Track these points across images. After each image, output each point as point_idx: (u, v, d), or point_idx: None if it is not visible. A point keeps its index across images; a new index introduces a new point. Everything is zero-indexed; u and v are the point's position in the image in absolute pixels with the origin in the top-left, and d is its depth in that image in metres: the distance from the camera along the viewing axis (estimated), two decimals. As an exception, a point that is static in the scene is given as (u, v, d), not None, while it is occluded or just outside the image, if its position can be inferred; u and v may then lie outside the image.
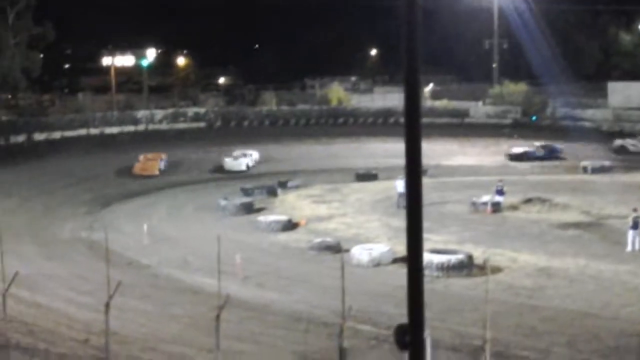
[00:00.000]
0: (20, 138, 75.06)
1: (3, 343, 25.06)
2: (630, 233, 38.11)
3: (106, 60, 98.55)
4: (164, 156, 67.17)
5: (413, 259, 8.47)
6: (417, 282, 8.38)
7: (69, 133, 78.58)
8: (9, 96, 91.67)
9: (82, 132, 79.77)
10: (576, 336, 26.75)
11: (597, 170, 62.76)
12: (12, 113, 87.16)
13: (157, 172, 64.52)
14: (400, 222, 42.36)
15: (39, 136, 76.37)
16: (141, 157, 66.35)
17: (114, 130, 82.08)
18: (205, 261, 35.89)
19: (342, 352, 19.80)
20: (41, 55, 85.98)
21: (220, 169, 67.10)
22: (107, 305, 22.68)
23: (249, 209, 49.96)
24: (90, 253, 39.81)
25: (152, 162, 65.62)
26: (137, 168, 64.65)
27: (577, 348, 25.63)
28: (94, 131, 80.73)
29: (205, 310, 27.07)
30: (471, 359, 21.76)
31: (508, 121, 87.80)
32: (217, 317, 21.33)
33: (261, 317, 29.81)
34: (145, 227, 43.29)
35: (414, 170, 8.28)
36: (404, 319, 8.61)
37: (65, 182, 58.92)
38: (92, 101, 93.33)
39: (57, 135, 77.54)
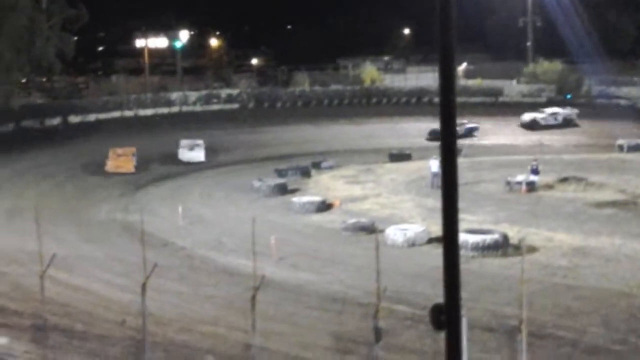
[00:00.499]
0: (56, 121, 75.50)
1: (41, 325, 25.31)
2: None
3: (139, 43, 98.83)
4: (133, 150, 61.57)
5: (449, 239, 8.44)
6: (453, 262, 8.35)
7: (104, 115, 78.92)
8: (44, 79, 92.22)
9: (117, 114, 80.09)
10: (612, 316, 26.59)
11: (632, 149, 62.20)
12: (47, 96, 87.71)
13: (132, 169, 59.23)
14: (434, 202, 42.21)
15: (74, 119, 76.78)
16: (110, 154, 60.50)
17: (148, 112, 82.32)
18: (239, 242, 36.02)
19: (377, 333, 19.79)
20: (75, 38, 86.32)
21: (250, 152, 67.14)
22: (144, 287, 22.81)
23: (283, 190, 50.03)
24: (125, 235, 40.07)
25: (125, 159, 60.09)
26: (111, 166, 59.24)
27: (613, 328, 25.48)
28: (128, 113, 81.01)
29: (241, 291, 27.16)
30: (507, 338, 21.68)
31: (543, 100, 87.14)
32: (253, 298, 21.39)
33: (296, 298, 29.91)
34: (180, 208, 43.48)
35: (449, 149, 8.24)
36: (439, 299, 8.59)
37: (100, 164, 59.24)
38: (126, 83, 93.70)
39: (91, 117, 77.91)
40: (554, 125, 74.39)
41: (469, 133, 71.38)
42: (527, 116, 76.16)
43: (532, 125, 74.33)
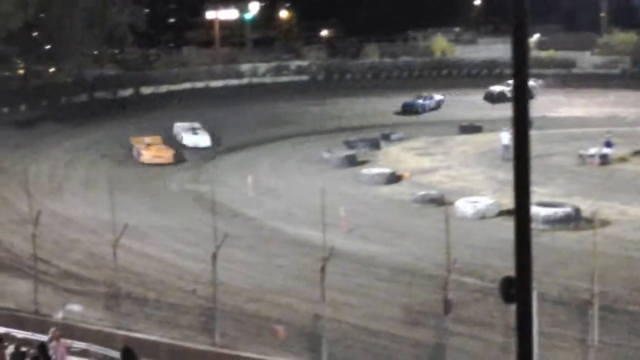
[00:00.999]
0: (128, 92, 76.36)
1: (114, 293, 25.77)
2: None
3: (210, 14, 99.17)
4: (160, 139, 56.92)
5: (521, 212, 8.39)
6: (524, 235, 8.31)
7: (175, 87, 79.56)
8: (116, 51, 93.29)
9: (187, 85, 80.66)
10: (687, 291, 26.20)
11: None
12: (119, 67, 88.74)
13: (172, 159, 53.31)
14: (505, 174, 41.89)
15: (145, 90, 77.51)
16: (136, 144, 55.17)
17: (219, 83, 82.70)
18: (309, 213, 36.15)
19: (446, 305, 19.80)
20: (146, 10, 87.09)
21: (320, 124, 67.16)
22: (214, 257, 23.08)
23: (352, 161, 50.03)
24: (196, 205, 40.49)
25: (159, 148, 54.54)
26: (147, 157, 53.00)
27: (687, 303, 25.12)
28: (198, 85, 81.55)
29: (310, 262, 27.33)
30: (578, 312, 21.50)
31: (617, 71, 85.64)
32: (322, 268, 21.50)
33: (365, 270, 30.01)
34: (249, 179, 43.76)
35: (521, 122, 8.18)
36: (509, 272, 8.55)
37: (171, 135, 59.81)
38: (197, 55, 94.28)
39: (163, 89, 78.57)
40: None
41: (438, 106, 72.74)
42: (495, 88, 74.75)
43: (500, 98, 72.96)
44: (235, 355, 21.89)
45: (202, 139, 58.91)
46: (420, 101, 72.45)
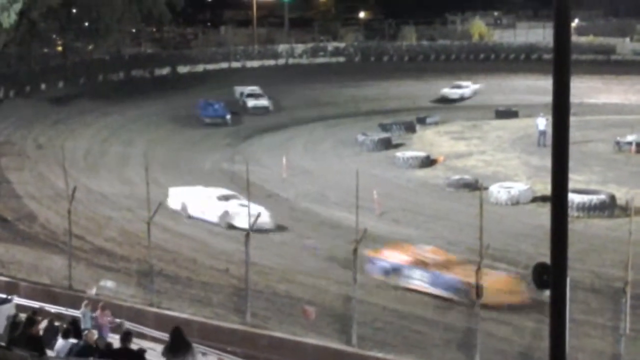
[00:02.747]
0: (165, 71, 76.59)
1: (147, 270, 25.93)
2: None
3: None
4: None
5: (557, 199, 8.36)
6: (561, 223, 8.28)
7: (211, 66, 79.67)
8: (154, 29, 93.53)
9: (224, 65, 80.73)
10: None
11: None
12: (156, 46, 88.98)
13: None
14: (540, 160, 41.65)
15: (182, 69, 77.70)
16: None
17: (255, 64, 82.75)
18: (342, 195, 36.19)
19: (478, 290, 19.74)
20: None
21: (355, 106, 66.99)
22: (247, 236, 23.14)
23: (387, 144, 49.96)
24: (231, 185, 40.57)
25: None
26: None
27: None
28: (235, 64, 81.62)
29: (343, 244, 27.36)
30: (611, 300, 21.38)
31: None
32: (355, 250, 21.51)
33: (397, 253, 29.93)
34: (284, 160, 43.82)
35: (561, 108, 8.12)
36: (542, 258, 8.53)
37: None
38: (234, 35, 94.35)
39: (199, 68, 78.71)
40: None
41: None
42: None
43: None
44: (266, 335, 21.97)
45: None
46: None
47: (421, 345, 21.45)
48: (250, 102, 64.29)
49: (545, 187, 33.92)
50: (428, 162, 44.87)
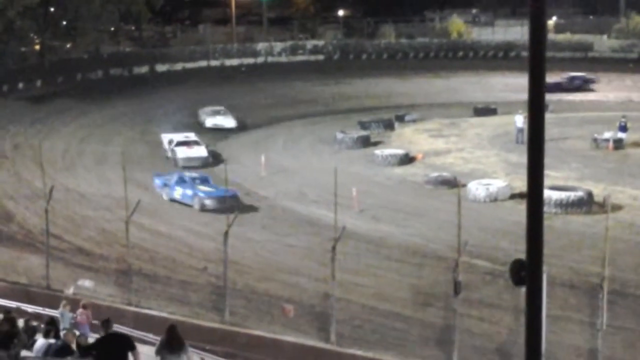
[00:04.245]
0: (144, 69, 76.39)
1: (125, 269, 25.87)
2: None
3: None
4: None
5: (533, 195, 8.39)
6: (536, 219, 8.31)
7: (190, 65, 79.57)
8: (133, 28, 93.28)
9: (203, 63, 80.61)
10: (698, 277, 26.13)
11: None
12: (135, 45, 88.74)
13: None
14: (519, 157, 41.82)
15: (161, 67, 77.53)
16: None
17: (234, 62, 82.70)
18: (321, 193, 36.20)
19: (456, 286, 19.79)
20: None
21: (334, 104, 67.01)
22: (226, 235, 23.12)
23: (365, 142, 49.98)
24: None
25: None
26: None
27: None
28: (214, 63, 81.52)
29: (321, 242, 27.40)
30: (588, 296, 21.50)
31: (634, 55, 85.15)
32: (333, 248, 21.54)
33: (376, 250, 30.04)
34: (262, 158, 43.78)
35: (535, 105, 8.15)
36: (520, 254, 8.55)
37: (186, 112, 59.84)
38: (213, 33, 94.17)
39: (178, 66, 78.59)
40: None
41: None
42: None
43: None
44: (245, 333, 21.98)
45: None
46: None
47: (400, 342, 21.51)
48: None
49: (523, 184, 34.02)
50: (407, 159, 44.93)
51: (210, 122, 57.01)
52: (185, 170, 42.28)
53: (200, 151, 46.32)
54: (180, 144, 46.78)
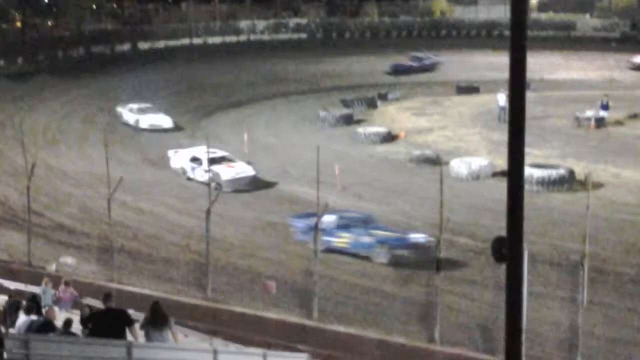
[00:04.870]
0: (126, 47, 75.97)
1: (107, 246, 25.85)
2: None
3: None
4: None
5: (514, 173, 8.44)
6: (517, 197, 8.36)
7: (173, 42, 79.17)
8: (115, 5, 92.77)
9: (185, 41, 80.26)
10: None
11: None
12: (117, 22, 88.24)
13: None
14: (501, 135, 41.79)
15: (143, 45, 77.14)
16: None
17: (217, 40, 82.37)
18: (304, 171, 36.22)
19: (438, 263, 19.89)
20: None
21: (317, 82, 66.93)
22: (208, 212, 23.13)
23: (348, 120, 50.01)
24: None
25: None
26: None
27: (678, 266, 25.26)
28: (196, 41, 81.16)
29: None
30: (569, 273, 21.59)
31: (616, 35, 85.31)
32: (315, 226, 21.58)
33: (358, 227, 30.01)
34: (245, 136, 43.72)
35: (517, 83, 8.18)
36: (501, 231, 8.59)
37: (169, 90, 59.66)
38: (195, 11, 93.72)
39: (160, 44, 78.15)
40: None
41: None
42: None
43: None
44: (227, 310, 22.01)
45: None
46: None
47: (382, 318, 21.58)
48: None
49: (506, 161, 34.10)
50: (389, 137, 45.00)
51: (145, 122, 49.66)
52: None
53: (246, 169, 37.55)
54: (215, 161, 36.01)
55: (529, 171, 32.51)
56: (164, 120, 50.11)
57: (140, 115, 50.11)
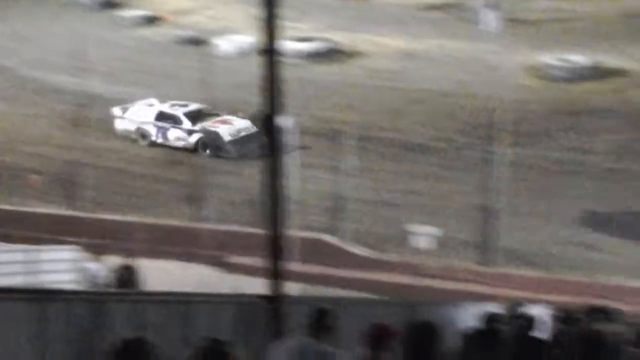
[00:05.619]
0: None
1: None
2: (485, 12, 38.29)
3: None
4: None
5: (268, 47, 8.49)
6: (271, 70, 8.42)
7: None
8: None
9: None
10: (436, 115, 27.47)
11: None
12: None
13: None
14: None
15: None
16: None
17: None
18: (66, 60, 34.79)
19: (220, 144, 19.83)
20: None
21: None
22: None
23: (110, 4, 48.12)
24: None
25: None
26: None
27: (437, 126, 26.36)
28: None
29: (66, 110, 26.68)
30: (334, 143, 22.04)
31: None
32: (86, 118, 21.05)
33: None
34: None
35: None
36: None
37: None
38: None
39: None
40: None
41: None
42: None
43: None
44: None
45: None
46: None
47: (149, 203, 21.51)
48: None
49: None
50: (154, 20, 44.04)
51: None
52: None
53: (247, 124, 27.76)
54: (194, 117, 27.55)
55: (290, 45, 32.60)
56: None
57: None
